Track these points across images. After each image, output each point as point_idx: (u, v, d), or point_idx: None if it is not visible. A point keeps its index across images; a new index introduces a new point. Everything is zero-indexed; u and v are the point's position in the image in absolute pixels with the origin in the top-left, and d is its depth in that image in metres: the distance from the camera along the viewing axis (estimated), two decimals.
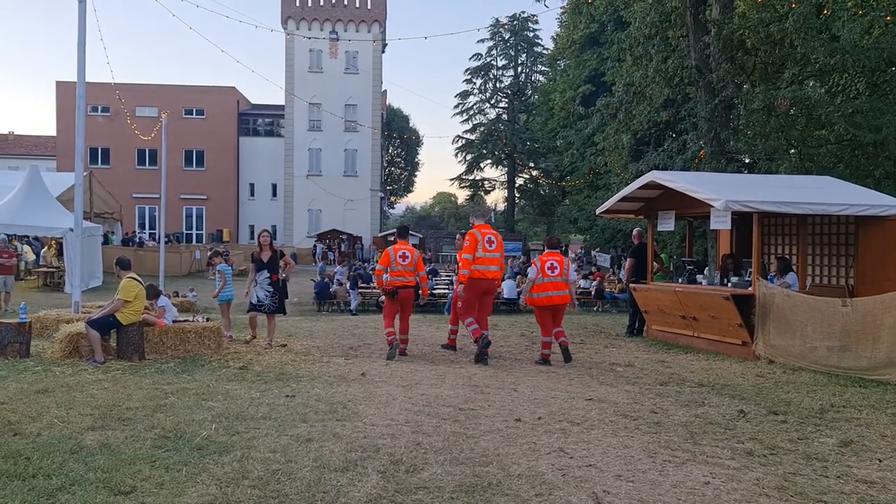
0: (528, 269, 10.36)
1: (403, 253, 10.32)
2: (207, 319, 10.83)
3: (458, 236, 12.30)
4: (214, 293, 11.84)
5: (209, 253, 14.56)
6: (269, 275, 10.49)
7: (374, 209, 53.28)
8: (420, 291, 10.53)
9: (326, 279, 25.97)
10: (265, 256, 10.54)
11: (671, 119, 26.54)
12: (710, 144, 19.21)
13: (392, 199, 79.02)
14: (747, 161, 23.22)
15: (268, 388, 7.60)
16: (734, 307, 10.42)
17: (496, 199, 67.48)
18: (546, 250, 10.43)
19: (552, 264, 10.00)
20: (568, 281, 9.99)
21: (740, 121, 18.49)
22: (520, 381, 8.40)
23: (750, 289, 10.51)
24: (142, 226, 52.05)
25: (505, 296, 22.91)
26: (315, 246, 48.32)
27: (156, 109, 50.52)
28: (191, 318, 10.64)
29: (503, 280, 25.60)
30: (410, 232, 11.58)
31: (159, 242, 22.67)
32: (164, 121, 18.73)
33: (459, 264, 10.05)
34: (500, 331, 13.43)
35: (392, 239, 11.20)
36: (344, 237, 49.98)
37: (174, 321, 10.22)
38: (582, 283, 27.17)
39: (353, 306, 23.22)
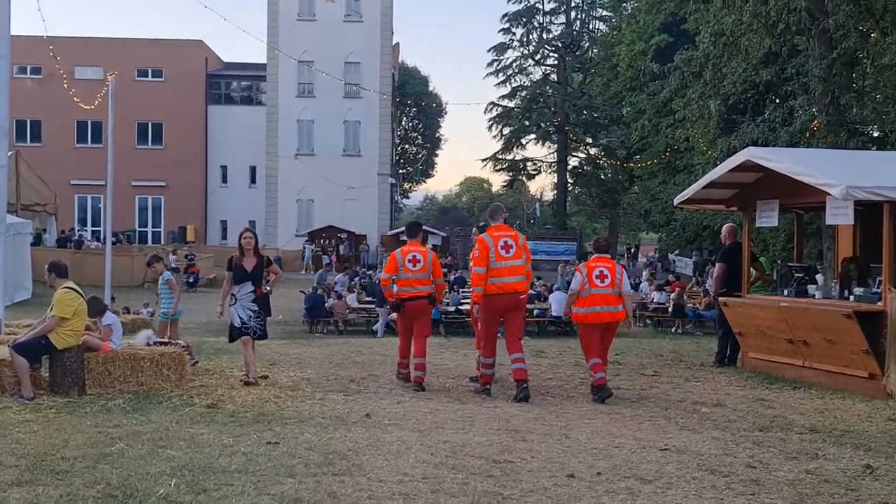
0: (573, 278, 10.57)
1: (414, 256, 10.56)
2: (185, 347, 10.97)
3: (474, 230, 12.67)
4: (172, 310, 11.95)
5: (147, 258, 14.41)
6: (252, 288, 10.33)
7: (382, 199, 53.62)
8: (434, 302, 10.76)
9: (321, 291, 26.15)
10: (248, 264, 10.40)
11: (773, 79, 26.35)
12: (826, 112, 19.04)
13: (406, 185, 79.53)
14: (875, 134, 22.99)
15: (244, 432, 7.65)
16: (858, 328, 10.33)
17: (542, 185, 67.63)
18: (593, 255, 10.64)
19: (601, 272, 10.18)
20: (622, 294, 10.17)
21: (866, 81, 18.30)
22: (573, 425, 8.38)
23: (879, 304, 10.41)
24: (82, 221, 52.94)
25: (554, 313, 22.86)
26: (304, 248, 48.71)
27: (100, 70, 51.12)
28: (175, 342, 10.81)
29: (550, 291, 25.85)
30: (427, 229, 11.74)
31: (105, 243, 22.96)
32: (110, 85, 18.97)
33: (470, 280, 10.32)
34: (547, 359, 13.42)
35: (403, 239, 11.36)
36: (343, 236, 50.38)
37: (151, 343, 10.34)
38: (655, 296, 27.13)
39: (379, 327, 23.39)
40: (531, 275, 10.55)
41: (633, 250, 59.03)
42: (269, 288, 10.60)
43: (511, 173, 66.13)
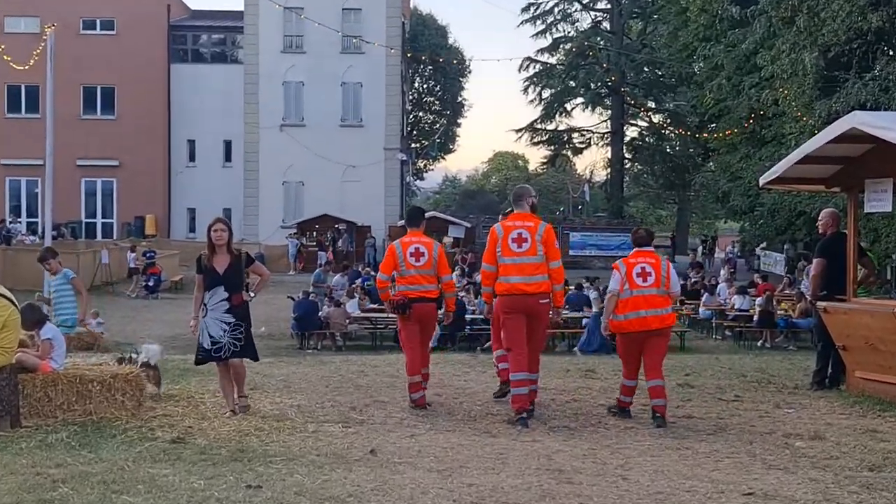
0: (611, 279, 10.88)
1: (417, 249, 10.89)
2: (148, 366, 11.04)
3: (500, 217, 13.12)
4: (80, 314, 11.97)
5: (39, 253, 14.38)
6: (225, 295, 10.24)
7: (390, 181, 53.80)
8: (444, 305, 11.14)
9: (314, 296, 26.27)
10: (220, 264, 10.29)
11: (886, 25, 26.15)
12: None
13: (421, 164, 79.64)
14: None
15: (218, 473, 7.69)
16: None
17: (593, 162, 67.50)
18: (633, 249, 10.97)
19: (643, 268, 10.50)
20: (670, 294, 10.54)
21: None
22: (631, 464, 8.39)
23: None
24: (14, 210, 53.28)
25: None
26: (289, 243, 48.82)
27: (36, 22, 51.43)
28: (143, 361, 10.94)
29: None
30: (447, 218, 11.99)
31: (43, 237, 23.07)
32: (49, 40, 19.07)
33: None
34: (598, 380, 13.42)
35: (403, 225, 11.65)
36: (342, 228, 50.49)
37: (122, 359, 10.45)
38: (737, 300, 27.02)
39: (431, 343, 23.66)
40: (561, 274, 10.71)
41: (708, 243, 58.93)
42: (252, 294, 10.59)
43: (553, 147, 66.16)
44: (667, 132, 61.73)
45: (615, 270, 10.72)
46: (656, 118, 63.61)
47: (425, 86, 78.85)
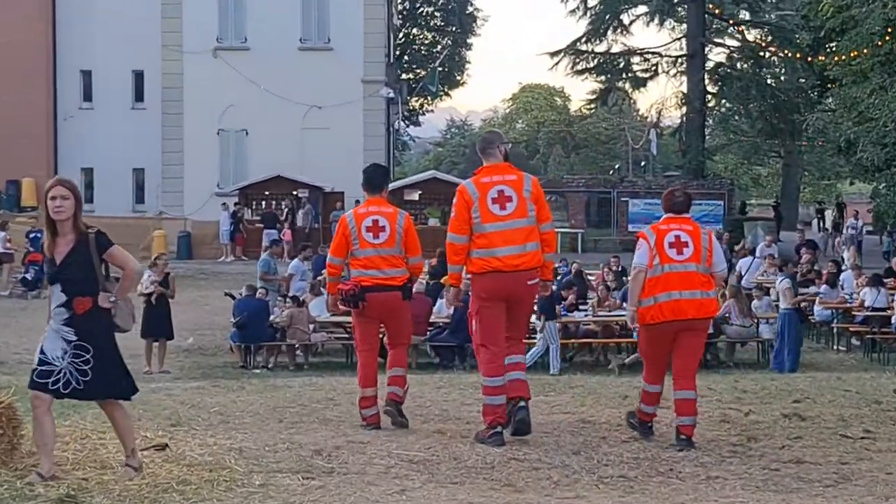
0: (637, 250, 11.32)
1: (375, 221, 11.48)
2: None
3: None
4: None
5: None
6: (64, 298, 9.52)
7: (371, 128, 53.75)
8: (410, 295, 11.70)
9: (261, 293, 26.21)
10: (59, 250, 9.59)
11: None
12: None
13: (415, 102, 79.31)
14: None
15: None
16: None
17: (662, 99, 66.86)
18: (665, 215, 11.53)
19: (678, 237, 10.94)
20: (713, 274, 11.03)
21: None
22: None
23: None
24: None
25: None
26: (223, 217, 48.64)
27: None
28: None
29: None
30: (452, 180, 12.26)
31: None
32: None
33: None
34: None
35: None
36: (302, 195, 50.41)
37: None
38: (867, 296, 26.97)
39: (552, 358, 24.38)
40: (554, 240, 11.42)
41: (826, 212, 58.87)
42: (113, 298, 9.68)
43: (604, 78, 66.16)
44: (767, 55, 61.65)
45: (641, 240, 11.07)
46: (752, 35, 63.54)
47: None
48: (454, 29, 78.81)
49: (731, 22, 62.62)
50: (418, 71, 76.37)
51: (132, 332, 11.38)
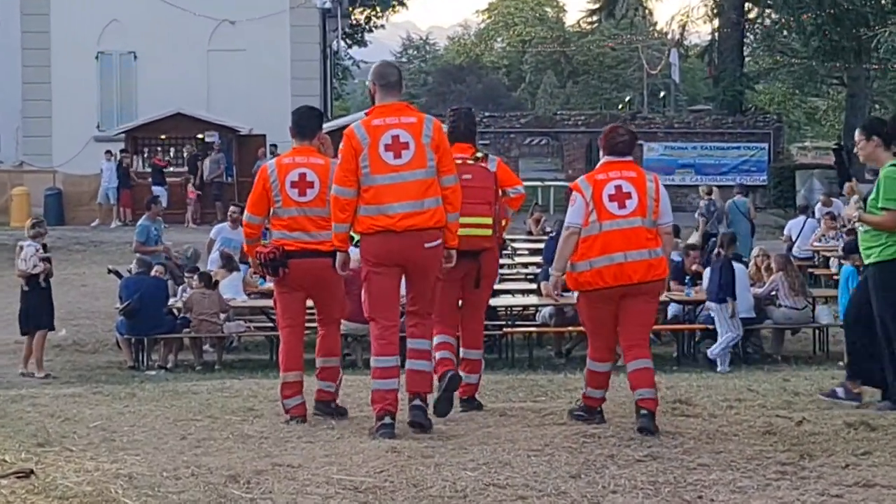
0: (571, 204, 11.91)
1: (302, 175, 12.05)
2: None
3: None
4: None
5: None
6: None
7: (301, 49, 53.73)
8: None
9: (157, 271, 26.13)
10: None
11: None
12: None
13: (361, 14, 79.38)
14: None
15: None
16: None
17: (686, 8, 67.11)
18: (604, 159, 12.24)
19: (619, 188, 11.51)
20: (660, 227, 11.59)
21: None
22: None
23: None
24: None
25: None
26: (103, 168, 48.40)
27: None
28: None
29: (708, 261, 26.00)
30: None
31: None
32: None
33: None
34: (699, 420, 13.46)
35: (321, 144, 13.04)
36: (210, 138, 50.25)
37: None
38: None
39: (718, 349, 24.34)
40: (458, 195, 11.70)
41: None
42: None
43: None
44: None
45: (575, 193, 11.60)
46: None
47: None
48: None
49: None
50: None
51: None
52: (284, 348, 12.58)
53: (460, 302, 13.22)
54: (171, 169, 49.70)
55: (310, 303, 13.42)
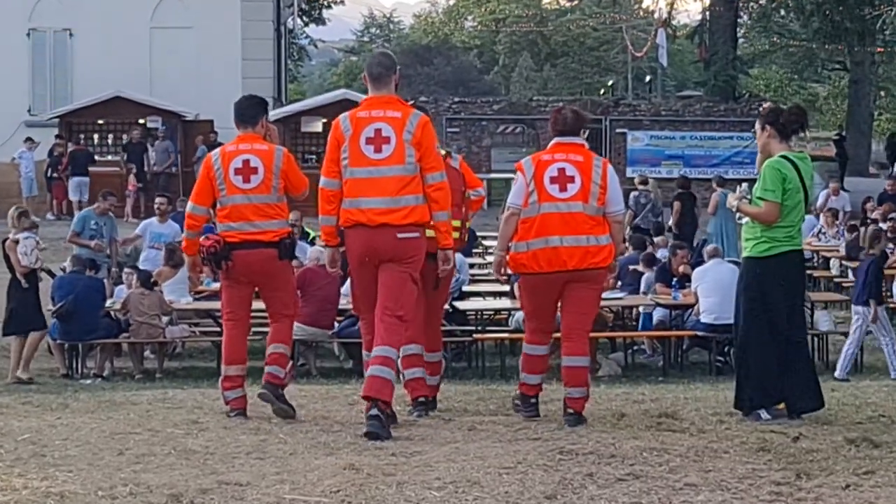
0: (513, 184, 12.42)
1: (246, 161, 12.40)
2: None
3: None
4: None
5: None
6: None
7: (251, 27, 53.89)
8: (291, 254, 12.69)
9: (91, 270, 26.03)
10: None
11: None
12: None
13: None
14: None
15: None
16: None
17: None
18: (553, 140, 12.74)
19: (562, 170, 11.92)
20: (607, 215, 12.00)
21: None
22: None
23: None
24: None
25: (702, 317, 23.42)
26: (21, 156, 48.18)
27: None
28: None
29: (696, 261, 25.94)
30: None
31: None
32: None
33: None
34: (686, 437, 13.48)
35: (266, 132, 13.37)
36: (153, 124, 50.16)
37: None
38: None
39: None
40: (446, 194, 11.99)
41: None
42: None
43: None
44: None
45: (518, 173, 12.06)
46: None
47: None
48: None
49: None
50: None
51: None
52: (227, 341, 12.92)
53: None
54: (110, 157, 49.38)
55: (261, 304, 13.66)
